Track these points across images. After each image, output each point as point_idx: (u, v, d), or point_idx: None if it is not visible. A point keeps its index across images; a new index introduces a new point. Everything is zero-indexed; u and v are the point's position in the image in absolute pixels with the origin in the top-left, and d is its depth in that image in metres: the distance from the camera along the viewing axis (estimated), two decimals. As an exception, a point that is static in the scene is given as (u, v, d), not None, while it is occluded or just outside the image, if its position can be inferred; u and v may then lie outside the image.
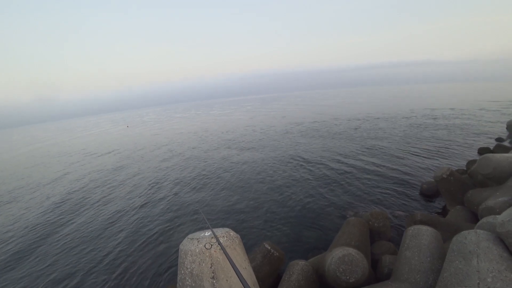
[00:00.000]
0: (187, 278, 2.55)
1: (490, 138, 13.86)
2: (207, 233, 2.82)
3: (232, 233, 2.95)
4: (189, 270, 2.56)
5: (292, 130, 23.20)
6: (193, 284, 2.50)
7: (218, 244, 2.51)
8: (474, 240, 2.56)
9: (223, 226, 5.38)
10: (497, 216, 2.96)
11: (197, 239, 2.71)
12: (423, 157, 11.33)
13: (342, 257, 3.49)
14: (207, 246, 2.58)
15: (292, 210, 7.60)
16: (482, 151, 11.05)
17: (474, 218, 5.14)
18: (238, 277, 1.31)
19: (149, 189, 10.91)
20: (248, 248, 5.62)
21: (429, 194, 7.55)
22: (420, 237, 3.40)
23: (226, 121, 37.88)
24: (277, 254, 4.39)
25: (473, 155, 11.00)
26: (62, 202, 10.64)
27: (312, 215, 7.24)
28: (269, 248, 4.38)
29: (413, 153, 12.08)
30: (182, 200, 9.28)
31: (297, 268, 3.82)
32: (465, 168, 8.71)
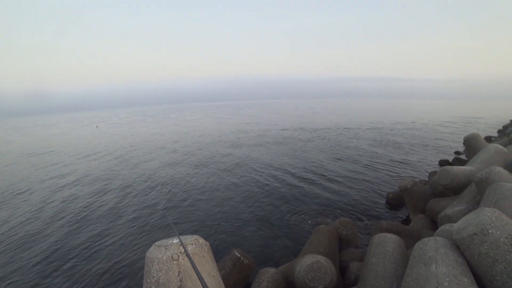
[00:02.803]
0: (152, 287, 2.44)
1: (450, 151, 14.96)
2: (175, 240, 2.72)
3: (201, 240, 2.87)
4: (155, 279, 2.44)
5: (262, 136, 23.47)
6: (159, 294, 2.39)
7: (185, 253, 2.43)
8: (433, 246, 2.71)
9: (192, 233, 5.24)
10: (454, 224, 3.16)
11: (165, 246, 2.60)
12: (389, 168, 11.92)
13: (311, 264, 3.53)
14: (174, 257, 2.49)
15: (262, 218, 7.60)
16: (442, 163, 11.88)
17: (434, 226, 5.45)
18: (202, 285, 1.28)
19: (112, 194, 10.36)
20: (218, 255, 5.52)
21: (394, 203, 7.92)
22: (385, 244, 3.53)
23: (200, 125, 37.40)
24: (247, 261, 4.34)
25: (435, 166, 11.76)
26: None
27: (282, 223, 7.28)
28: (239, 255, 4.32)
29: (380, 164, 12.66)
30: (150, 206, 8.91)
31: (267, 276, 3.80)
32: (427, 179, 9.26)
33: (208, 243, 2.92)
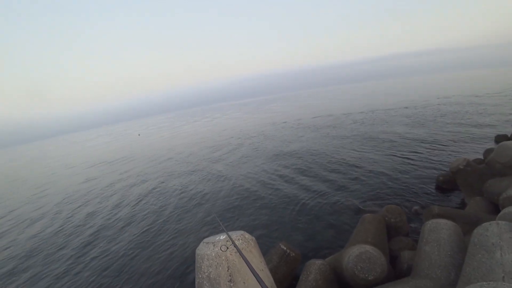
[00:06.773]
0: (204, 282, 2.57)
1: (507, 124, 13.42)
2: (222, 236, 2.84)
3: (247, 235, 2.96)
4: (206, 274, 2.58)
5: (296, 126, 23.31)
6: (211, 288, 2.52)
7: (234, 246, 2.53)
8: (496, 231, 2.49)
9: (237, 229, 5.40)
10: (519, 206, 2.87)
11: (213, 243, 2.73)
12: (437, 148, 11.06)
13: (359, 254, 3.45)
14: (222, 248, 2.60)
15: (306, 210, 7.54)
16: (499, 139, 10.68)
17: (494, 209, 4.99)
18: (256, 278, 1.31)
19: (157, 195, 11.06)
20: (264, 249, 5.62)
21: (445, 187, 7.35)
22: (439, 231, 3.33)
23: (236, 124, 38.03)
24: (293, 254, 4.37)
25: (490, 143, 10.66)
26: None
27: (326, 213, 7.16)
28: (285, 248, 4.37)
29: (427, 144, 11.79)
30: (195, 205, 9.35)
31: (314, 267, 3.79)
32: (482, 158, 8.45)
33: (254, 238, 3.00)
